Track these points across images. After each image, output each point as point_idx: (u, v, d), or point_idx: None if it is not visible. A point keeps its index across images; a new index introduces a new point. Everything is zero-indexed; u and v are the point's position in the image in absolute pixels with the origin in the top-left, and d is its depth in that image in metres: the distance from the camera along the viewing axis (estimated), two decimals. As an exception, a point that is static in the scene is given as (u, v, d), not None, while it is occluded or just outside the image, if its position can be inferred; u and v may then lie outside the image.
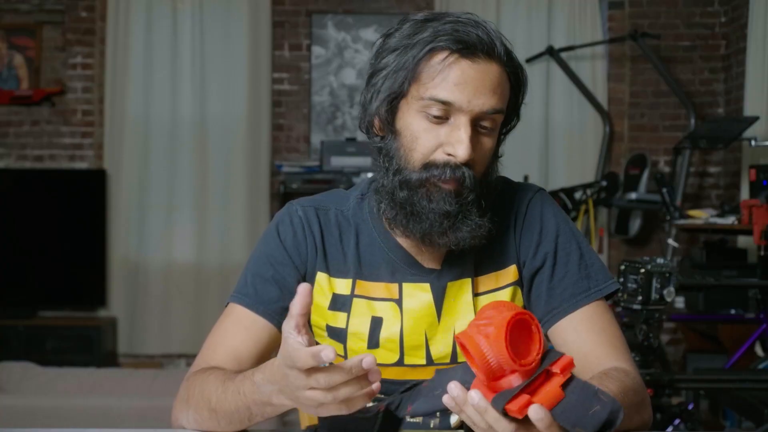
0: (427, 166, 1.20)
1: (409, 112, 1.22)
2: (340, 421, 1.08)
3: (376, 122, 1.26)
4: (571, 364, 0.96)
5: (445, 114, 1.19)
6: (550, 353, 0.97)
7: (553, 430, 0.95)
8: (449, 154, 1.19)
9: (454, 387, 0.97)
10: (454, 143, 1.19)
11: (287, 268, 1.31)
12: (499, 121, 1.23)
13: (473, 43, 1.18)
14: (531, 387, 0.95)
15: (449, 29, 1.19)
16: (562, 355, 0.97)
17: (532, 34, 4.90)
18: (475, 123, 1.20)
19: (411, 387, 1.16)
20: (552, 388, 0.94)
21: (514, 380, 0.94)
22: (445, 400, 0.98)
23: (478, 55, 1.19)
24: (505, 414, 0.94)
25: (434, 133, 1.20)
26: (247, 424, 1.18)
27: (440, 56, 1.19)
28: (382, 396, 1.23)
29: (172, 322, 4.89)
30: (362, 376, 0.99)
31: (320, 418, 1.13)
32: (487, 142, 1.23)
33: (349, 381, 0.98)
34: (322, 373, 0.97)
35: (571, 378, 0.96)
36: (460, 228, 1.21)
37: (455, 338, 0.97)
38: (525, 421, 0.95)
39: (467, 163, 1.19)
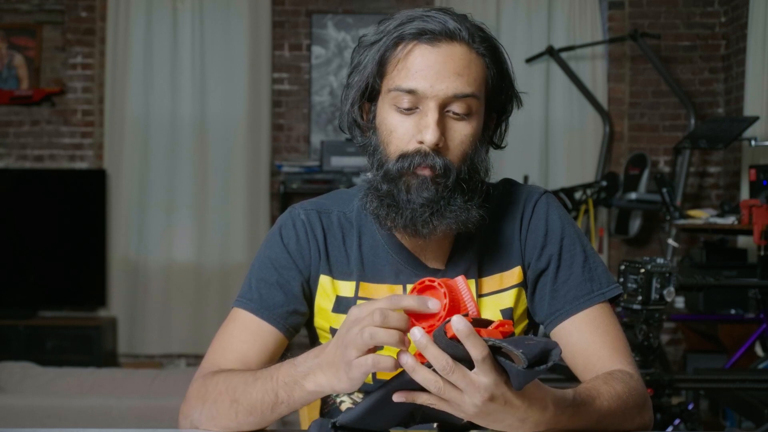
0: (401, 157, 1.21)
1: (383, 107, 1.23)
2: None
3: (361, 124, 1.28)
4: (510, 325, 1.01)
5: (413, 104, 1.20)
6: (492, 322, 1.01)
7: (473, 341, 0.95)
8: (420, 142, 1.20)
9: (416, 332, 0.98)
10: (422, 129, 1.19)
11: (291, 273, 1.31)
12: (475, 106, 1.22)
13: (432, 29, 1.19)
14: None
15: (414, 20, 1.20)
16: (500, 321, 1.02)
17: (532, 34, 4.90)
18: (445, 108, 1.20)
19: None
20: (491, 329, 0.98)
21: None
22: (404, 359, 0.99)
23: (439, 39, 1.19)
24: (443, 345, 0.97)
25: (406, 124, 1.21)
26: (268, 417, 1.16)
27: (401, 46, 1.20)
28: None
29: (172, 322, 4.89)
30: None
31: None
32: (463, 128, 1.22)
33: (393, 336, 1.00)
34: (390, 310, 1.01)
35: (505, 338, 0.99)
36: (444, 214, 1.21)
37: (412, 291, 1.03)
38: (462, 360, 0.97)
39: (438, 150, 1.19)
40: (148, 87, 4.90)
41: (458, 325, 0.94)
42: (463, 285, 1.02)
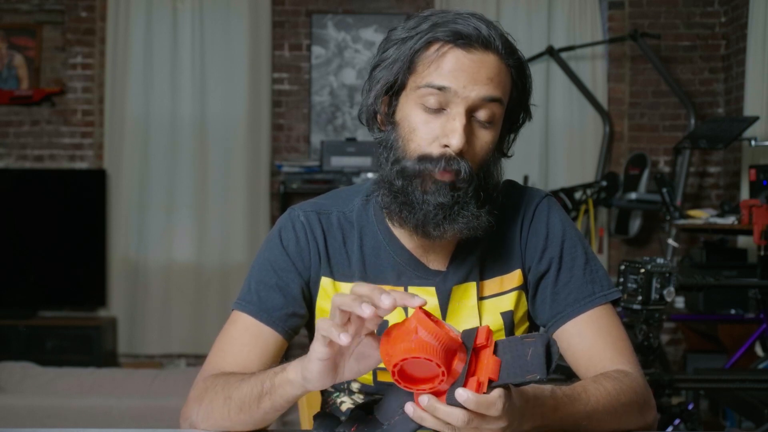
0: (423, 158, 1.20)
1: (407, 104, 1.22)
2: None
3: (379, 117, 1.27)
4: (489, 331, 1.00)
5: (441, 104, 1.19)
6: (465, 334, 1.00)
7: (483, 403, 0.95)
8: (444, 145, 1.19)
9: (424, 398, 0.97)
10: (449, 133, 1.19)
11: (291, 275, 1.31)
12: (498, 113, 1.22)
13: (468, 34, 1.19)
14: (470, 371, 0.98)
15: (448, 22, 1.20)
16: (476, 329, 1.00)
17: (532, 34, 4.90)
18: (472, 114, 1.20)
19: (353, 416, 1.13)
20: (487, 359, 0.98)
21: (446, 384, 0.97)
22: (410, 411, 0.98)
23: (474, 46, 1.19)
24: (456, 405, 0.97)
25: (431, 125, 1.20)
26: (255, 413, 1.16)
27: (435, 46, 1.20)
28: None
29: (172, 322, 4.89)
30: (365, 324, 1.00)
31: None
32: (485, 135, 1.22)
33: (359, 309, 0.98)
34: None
35: (497, 343, 0.99)
36: (456, 219, 1.21)
37: (393, 372, 0.97)
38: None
39: (462, 155, 1.19)
40: (148, 87, 4.90)
41: (463, 397, 0.94)
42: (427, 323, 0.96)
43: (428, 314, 0.98)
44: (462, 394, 0.94)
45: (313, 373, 1.05)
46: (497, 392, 0.96)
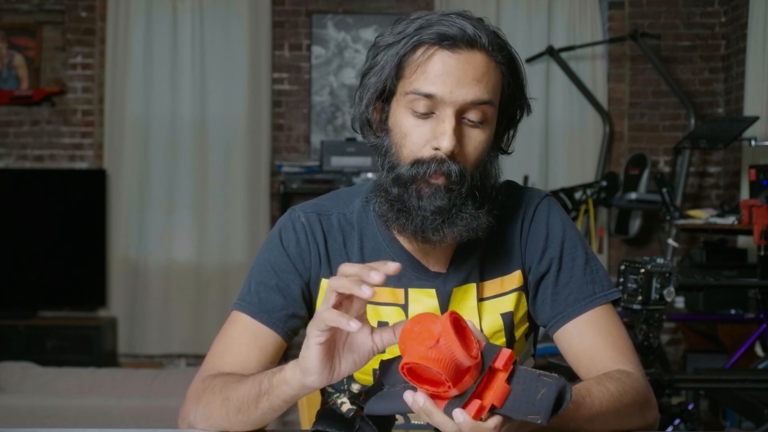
0: (416, 162, 1.20)
1: (398, 110, 1.22)
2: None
3: (373, 124, 1.27)
4: (511, 356, 0.99)
5: (430, 109, 1.19)
6: (487, 348, 0.99)
7: (481, 430, 0.96)
8: (435, 148, 1.19)
9: (421, 398, 0.98)
10: (439, 136, 1.18)
11: (291, 276, 1.31)
12: (490, 113, 1.22)
13: (453, 35, 1.18)
14: (478, 389, 0.97)
15: (433, 24, 1.19)
16: (500, 349, 0.99)
17: (532, 34, 4.90)
18: (462, 115, 1.20)
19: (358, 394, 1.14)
20: (498, 384, 0.97)
21: (454, 391, 0.97)
22: (409, 399, 0.99)
23: (459, 46, 1.18)
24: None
25: (422, 129, 1.20)
26: (254, 414, 1.16)
27: (421, 50, 1.19)
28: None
29: (172, 322, 4.89)
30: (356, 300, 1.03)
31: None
32: (477, 135, 1.21)
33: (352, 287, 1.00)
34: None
35: (514, 369, 0.99)
36: (455, 222, 1.20)
37: (402, 367, 0.97)
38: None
39: (453, 157, 1.19)
40: (148, 87, 4.90)
41: (459, 419, 0.96)
42: (451, 335, 0.96)
43: (458, 321, 0.98)
44: (458, 416, 0.95)
45: (311, 362, 1.04)
46: (493, 421, 0.96)
